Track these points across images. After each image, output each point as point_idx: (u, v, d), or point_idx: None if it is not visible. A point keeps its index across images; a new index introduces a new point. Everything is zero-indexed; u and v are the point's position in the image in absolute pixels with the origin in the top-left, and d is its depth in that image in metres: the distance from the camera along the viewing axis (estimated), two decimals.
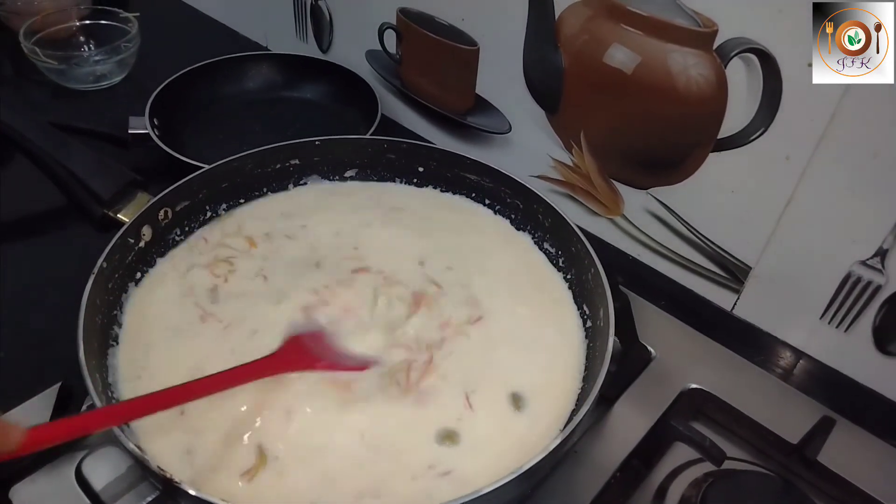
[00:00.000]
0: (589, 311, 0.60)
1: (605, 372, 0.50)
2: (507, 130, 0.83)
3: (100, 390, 0.48)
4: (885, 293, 0.62)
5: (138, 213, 0.60)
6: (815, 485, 0.58)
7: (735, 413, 0.61)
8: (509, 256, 0.67)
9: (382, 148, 0.72)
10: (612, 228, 0.79)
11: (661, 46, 0.64)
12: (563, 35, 0.71)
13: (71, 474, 0.53)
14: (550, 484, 0.55)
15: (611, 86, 0.69)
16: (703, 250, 0.72)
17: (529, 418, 0.54)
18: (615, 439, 0.58)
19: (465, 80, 0.84)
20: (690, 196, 0.70)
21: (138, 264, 0.61)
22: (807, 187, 0.62)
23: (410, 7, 0.84)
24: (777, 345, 0.71)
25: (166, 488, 0.44)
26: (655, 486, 0.57)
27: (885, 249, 0.60)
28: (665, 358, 0.65)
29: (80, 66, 0.99)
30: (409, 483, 0.49)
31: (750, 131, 0.63)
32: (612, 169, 0.75)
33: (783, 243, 0.66)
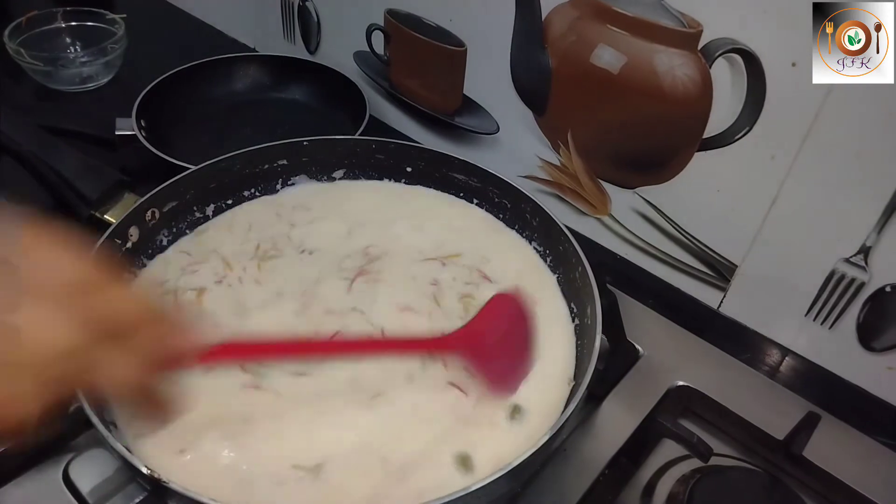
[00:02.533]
0: (577, 309, 0.60)
1: (594, 369, 0.50)
2: (494, 131, 0.83)
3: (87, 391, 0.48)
4: (869, 290, 0.62)
5: (125, 214, 0.60)
6: (801, 480, 0.59)
7: (722, 410, 0.62)
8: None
9: (371, 148, 0.72)
10: (600, 228, 0.79)
11: (647, 47, 0.65)
12: (550, 36, 0.72)
13: (58, 477, 0.52)
14: (540, 481, 0.55)
15: (598, 86, 0.70)
16: (690, 249, 0.73)
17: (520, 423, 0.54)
18: (603, 437, 0.59)
19: (452, 81, 0.84)
20: (677, 195, 0.71)
21: (126, 265, 0.61)
22: (791, 186, 0.63)
23: (398, 8, 0.85)
24: (763, 342, 0.72)
25: (154, 488, 0.44)
26: (643, 483, 0.58)
27: (868, 247, 0.61)
28: (652, 356, 0.65)
29: (67, 67, 0.98)
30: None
31: (735, 131, 0.63)
32: (600, 168, 0.76)
33: (768, 241, 0.67)
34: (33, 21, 1.00)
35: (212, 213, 0.68)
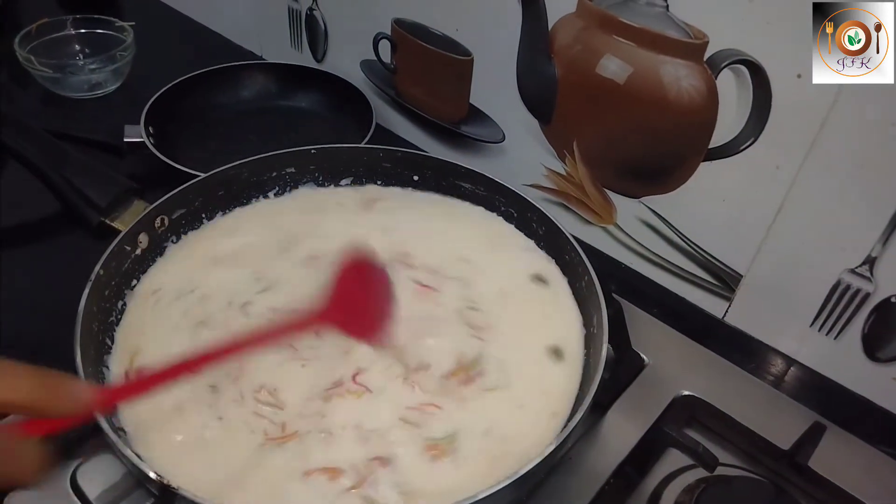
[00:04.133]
0: (583, 319, 0.60)
1: (600, 378, 0.51)
2: (500, 140, 0.84)
3: None
4: (874, 301, 0.63)
5: (135, 221, 0.61)
6: (806, 490, 0.58)
7: (727, 419, 0.62)
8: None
9: (378, 157, 0.72)
10: (605, 237, 0.80)
11: (652, 57, 0.65)
12: (556, 46, 0.72)
13: (66, 483, 0.52)
14: (545, 490, 0.55)
15: (603, 96, 0.70)
16: (695, 258, 0.73)
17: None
18: (609, 446, 0.59)
19: (459, 90, 0.84)
20: (682, 205, 0.71)
21: (135, 272, 0.61)
22: (796, 196, 0.63)
23: (405, 17, 0.85)
24: (768, 352, 0.72)
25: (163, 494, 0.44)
26: (649, 493, 0.58)
27: (874, 257, 0.61)
28: (658, 365, 0.65)
29: (76, 74, 0.99)
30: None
31: (740, 141, 0.64)
32: (605, 178, 0.76)
33: (773, 251, 0.67)
34: (43, 29, 1.01)
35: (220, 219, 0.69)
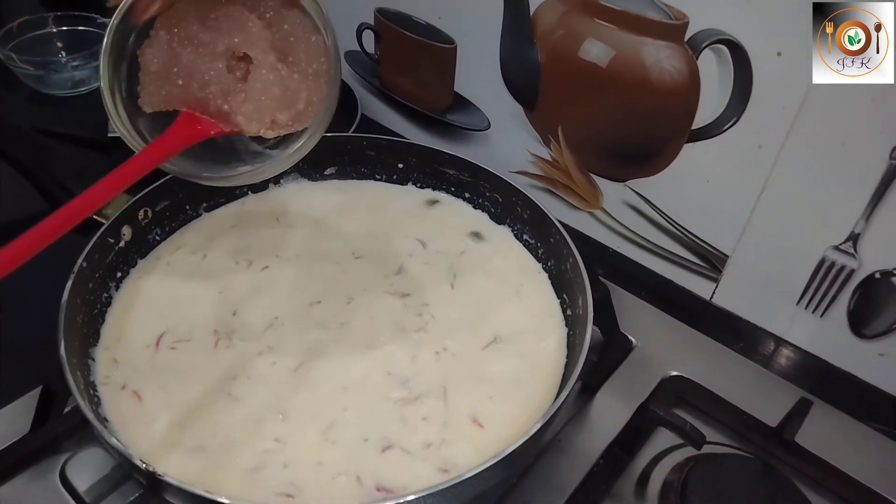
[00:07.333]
0: (568, 300, 0.61)
1: (585, 358, 0.51)
2: (486, 127, 0.84)
3: (81, 388, 0.48)
4: (859, 277, 0.63)
5: (118, 213, 0.60)
6: (794, 465, 0.59)
7: (715, 398, 0.62)
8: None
9: (362, 145, 0.72)
10: (592, 222, 0.80)
11: (634, 40, 0.65)
12: (538, 31, 0.72)
13: (55, 476, 0.53)
14: (534, 473, 0.55)
15: (586, 80, 0.70)
16: (681, 240, 0.73)
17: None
18: (597, 428, 0.59)
19: (443, 79, 0.84)
20: (667, 187, 0.71)
21: (119, 264, 0.61)
22: (779, 175, 0.63)
23: (388, 7, 0.85)
24: (755, 331, 0.72)
25: (150, 482, 0.44)
26: (638, 473, 0.58)
27: (857, 234, 0.61)
28: (646, 347, 0.66)
29: (58, 71, 0.98)
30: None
31: (723, 121, 0.64)
32: (590, 162, 0.76)
33: (759, 231, 0.67)
34: (24, 26, 1.00)
35: (204, 212, 0.69)
